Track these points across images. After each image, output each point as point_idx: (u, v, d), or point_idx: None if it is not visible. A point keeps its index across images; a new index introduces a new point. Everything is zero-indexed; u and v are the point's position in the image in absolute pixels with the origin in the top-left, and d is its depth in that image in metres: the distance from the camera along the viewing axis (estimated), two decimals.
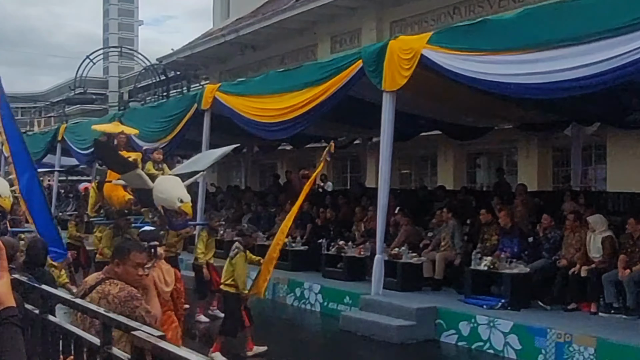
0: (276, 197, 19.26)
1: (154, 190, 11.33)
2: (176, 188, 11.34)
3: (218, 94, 14.66)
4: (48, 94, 73.15)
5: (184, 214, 11.24)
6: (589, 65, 8.16)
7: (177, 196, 11.08)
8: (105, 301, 4.15)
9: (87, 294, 4.26)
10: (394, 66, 10.52)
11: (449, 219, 12.50)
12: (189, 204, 11.16)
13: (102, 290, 4.23)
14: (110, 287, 4.28)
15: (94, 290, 4.26)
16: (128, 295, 4.23)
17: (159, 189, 11.30)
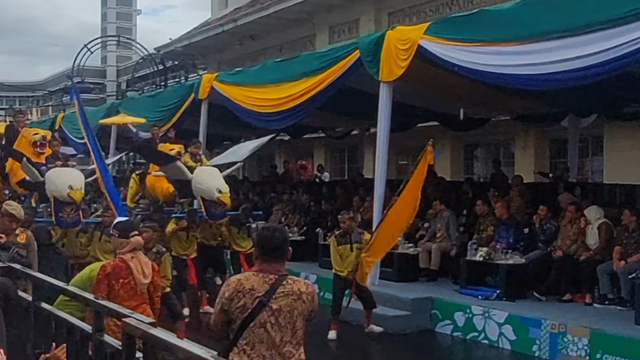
0: (273, 187, 19.25)
1: (193, 181, 11.51)
2: (215, 179, 11.50)
3: (215, 84, 14.63)
4: (46, 83, 72.90)
5: (222, 204, 11.37)
6: (585, 56, 8.15)
7: (215, 187, 11.26)
8: None
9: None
10: (391, 57, 10.50)
11: (443, 210, 12.52)
12: (227, 194, 11.34)
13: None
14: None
15: None
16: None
17: (198, 180, 11.48)
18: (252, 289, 3.76)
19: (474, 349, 9.63)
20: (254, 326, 3.74)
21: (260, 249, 3.93)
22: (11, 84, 67.61)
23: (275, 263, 3.88)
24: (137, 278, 5.23)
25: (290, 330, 3.80)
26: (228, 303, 3.78)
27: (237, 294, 3.76)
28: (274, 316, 3.75)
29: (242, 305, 3.75)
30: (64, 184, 10.53)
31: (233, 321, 3.77)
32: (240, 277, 3.88)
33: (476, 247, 11.25)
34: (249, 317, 3.74)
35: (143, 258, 5.44)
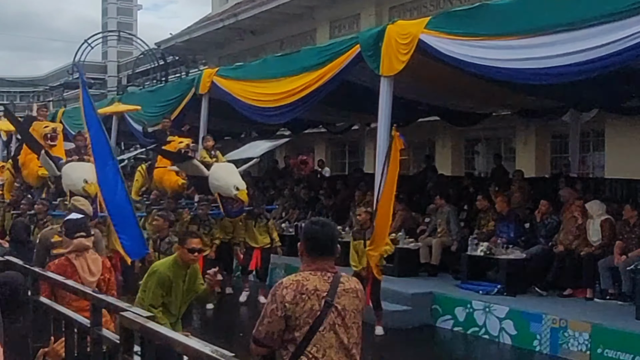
0: (274, 182, 19.24)
1: (210, 177, 11.50)
2: (232, 175, 11.50)
3: (216, 79, 14.60)
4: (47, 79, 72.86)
5: (240, 201, 11.32)
6: (586, 50, 8.11)
7: (233, 184, 11.27)
8: None
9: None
10: (391, 51, 10.46)
11: (443, 205, 12.51)
12: (245, 191, 11.36)
13: None
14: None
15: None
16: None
17: (215, 177, 11.48)
18: (316, 290, 3.46)
19: (475, 344, 9.63)
20: (323, 330, 3.45)
21: (311, 244, 3.61)
22: (12, 79, 67.58)
23: (328, 260, 3.60)
24: (82, 277, 5.04)
25: (356, 330, 3.59)
26: (292, 308, 3.43)
27: (301, 296, 3.44)
28: (340, 317, 3.50)
29: (310, 308, 3.44)
30: (79, 178, 10.70)
31: (296, 328, 3.44)
32: (297, 277, 3.53)
33: (477, 242, 11.24)
34: (317, 320, 3.43)
35: (92, 255, 5.29)
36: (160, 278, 5.62)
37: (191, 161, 11.80)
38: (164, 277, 5.64)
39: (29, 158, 12.32)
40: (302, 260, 3.65)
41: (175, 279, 5.70)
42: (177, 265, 5.73)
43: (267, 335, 3.47)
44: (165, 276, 5.66)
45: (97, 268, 5.22)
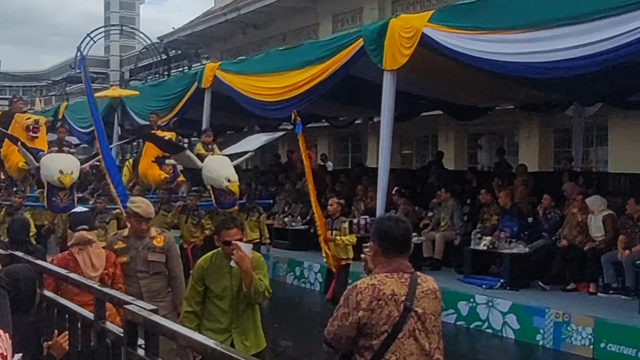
0: (276, 176, 19.23)
1: (203, 169, 11.58)
2: (224, 167, 11.53)
3: (219, 73, 14.58)
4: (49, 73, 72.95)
5: (231, 193, 11.37)
6: (590, 44, 8.08)
7: (225, 175, 11.29)
8: None
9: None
10: (394, 45, 10.43)
11: (448, 199, 12.49)
12: (236, 183, 11.37)
13: None
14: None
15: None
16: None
17: (208, 169, 11.54)
18: (393, 294, 3.19)
19: (478, 338, 9.63)
20: (403, 337, 3.18)
21: (385, 242, 3.31)
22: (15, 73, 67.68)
23: (404, 259, 3.32)
24: (84, 272, 4.94)
25: (437, 334, 3.33)
26: (368, 315, 3.17)
27: (378, 302, 3.17)
28: (420, 321, 3.23)
29: (387, 314, 3.17)
30: (55, 169, 10.66)
31: (372, 335, 3.19)
32: (372, 281, 3.24)
33: (480, 236, 11.23)
34: (396, 327, 3.18)
35: (96, 249, 5.22)
36: (198, 270, 4.95)
37: (184, 152, 11.85)
38: (200, 270, 4.93)
39: (10, 150, 12.34)
40: (375, 261, 3.37)
41: (217, 272, 4.88)
42: (220, 256, 4.93)
43: (335, 337, 3.27)
44: (202, 269, 4.93)
45: (101, 262, 5.14)
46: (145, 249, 5.64)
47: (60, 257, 5.27)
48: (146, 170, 12.99)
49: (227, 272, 4.84)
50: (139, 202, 5.74)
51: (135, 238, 5.64)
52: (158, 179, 12.78)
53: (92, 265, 5.07)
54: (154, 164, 12.81)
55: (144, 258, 5.60)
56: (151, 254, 5.63)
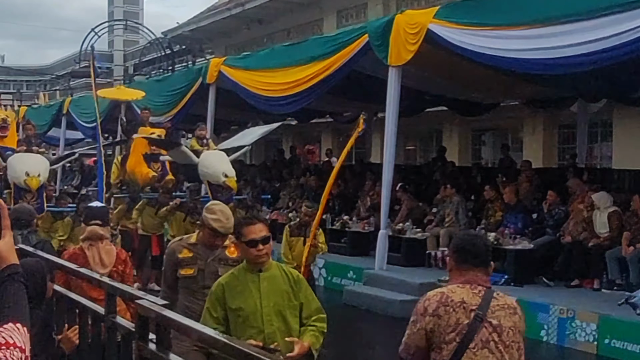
0: (280, 171, 19.26)
1: (199, 165, 11.47)
2: (221, 162, 11.43)
3: (223, 68, 14.62)
4: (54, 67, 72.97)
5: (228, 189, 11.31)
6: (596, 40, 8.10)
7: (222, 171, 11.19)
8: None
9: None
10: (400, 41, 10.46)
11: (453, 195, 12.51)
12: (233, 178, 11.27)
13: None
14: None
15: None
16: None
17: (204, 164, 11.44)
18: (462, 302, 3.10)
19: None
20: (475, 347, 3.05)
21: (461, 256, 3.25)
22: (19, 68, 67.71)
23: (479, 273, 3.22)
24: (93, 268, 4.84)
25: (516, 350, 3.14)
26: (434, 320, 3.08)
27: (445, 308, 3.08)
28: (495, 333, 3.09)
29: (455, 322, 3.07)
30: (22, 171, 10.35)
31: (442, 345, 3.07)
32: (442, 290, 3.19)
33: (484, 232, 11.24)
34: (466, 336, 3.06)
35: (106, 246, 5.12)
36: (217, 290, 3.91)
37: (180, 148, 11.77)
38: (220, 289, 3.90)
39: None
40: (451, 275, 3.31)
41: (241, 289, 3.88)
42: (244, 269, 3.95)
43: (405, 348, 3.18)
44: (221, 287, 3.91)
45: (110, 259, 5.07)
46: (216, 261, 4.64)
47: (70, 251, 5.24)
48: (134, 167, 12.78)
49: (255, 289, 3.88)
50: (218, 215, 4.59)
51: (204, 247, 4.67)
52: (146, 177, 12.61)
53: (101, 261, 5.00)
54: (141, 161, 12.67)
55: (214, 272, 4.54)
56: (222, 267, 4.53)
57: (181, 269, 4.63)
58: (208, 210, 4.62)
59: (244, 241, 3.89)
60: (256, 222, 3.96)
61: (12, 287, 1.97)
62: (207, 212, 4.61)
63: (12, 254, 2.04)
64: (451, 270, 3.29)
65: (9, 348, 1.84)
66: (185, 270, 4.63)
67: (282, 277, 3.92)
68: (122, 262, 5.19)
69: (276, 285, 3.87)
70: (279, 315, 3.83)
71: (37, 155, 11.18)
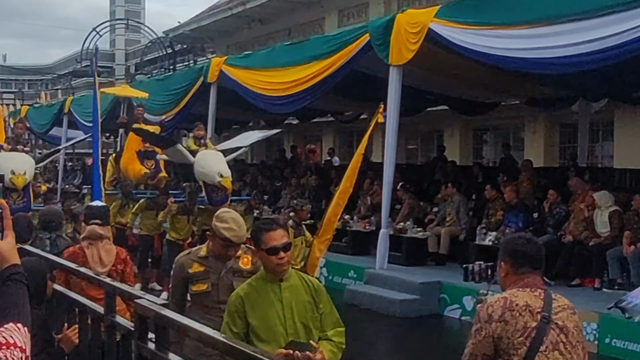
0: (282, 171, 19.27)
1: (195, 164, 11.36)
2: (217, 163, 11.29)
3: (224, 67, 14.63)
4: (55, 67, 73.05)
5: (224, 189, 11.20)
6: (597, 40, 8.10)
7: (217, 171, 11.03)
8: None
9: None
10: (401, 40, 10.46)
11: (454, 194, 12.51)
12: (229, 178, 11.11)
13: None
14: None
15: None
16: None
17: (200, 164, 11.31)
18: (527, 305, 3.06)
19: None
20: (546, 350, 3.01)
21: (517, 260, 3.21)
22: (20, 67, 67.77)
23: (537, 276, 3.21)
24: (92, 267, 4.87)
25: (581, 350, 3.14)
26: (502, 327, 3.01)
27: (511, 312, 3.03)
28: (563, 334, 3.07)
29: (523, 325, 3.02)
30: (7, 169, 10.24)
31: (511, 351, 3.01)
32: (503, 295, 3.13)
33: (485, 231, 11.26)
34: (536, 339, 3.01)
35: (106, 245, 5.14)
36: (236, 302, 3.57)
37: (175, 147, 11.69)
38: (238, 301, 3.56)
39: None
40: (506, 281, 3.26)
41: (262, 301, 3.56)
42: (261, 280, 3.64)
43: (470, 358, 3.09)
44: (240, 299, 3.57)
45: (109, 259, 5.09)
46: (230, 273, 4.30)
47: (70, 250, 5.26)
48: (127, 164, 12.74)
49: (277, 300, 3.56)
50: (230, 223, 4.22)
51: (215, 259, 4.31)
52: (138, 174, 12.57)
53: (100, 260, 5.02)
54: (135, 158, 12.61)
55: (229, 285, 4.18)
56: (237, 280, 4.20)
57: (193, 284, 4.28)
58: (219, 218, 4.25)
59: (263, 249, 3.54)
60: (276, 228, 3.60)
61: (13, 287, 1.99)
62: (217, 220, 4.24)
63: (14, 254, 2.05)
64: (506, 275, 3.24)
65: (10, 348, 1.85)
66: (197, 286, 4.29)
67: (303, 286, 3.63)
68: (121, 261, 5.19)
69: (298, 296, 3.58)
70: (303, 328, 3.53)
71: (22, 154, 11.13)
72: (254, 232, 3.66)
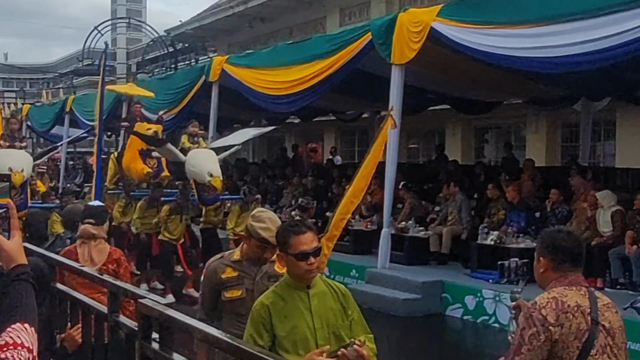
0: (283, 170, 19.27)
1: (186, 163, 11.29)
2: (208, 161, 11.16)
3: (226, 66, 14.62)
4: (57, 65, 73.05)
5: (213, 188, 11.10)
6: (600, 39, 8.09)
7: (207, 170, 10.91)
8: None
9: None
10: (403, 39, 10.45)
11: (456, 193, 12.50)
12: (218, 178, 10.96)
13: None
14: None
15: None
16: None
17: (191, 162, 11.21)
18: (578, 306, 2.91)
19: (485, 333, 9.65)
20: (596, 354, 2.88)
21: (558, 255, 3.05)
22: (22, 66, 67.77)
23: (578, 272, 3.06)
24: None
25: (624, 351, 3.04)
26: (559, 331, 2.86)
27: (565, 315, 2.88)
28: (610, 336, 2.95)
29: (577, 328, 2.88)
30: (5, 165, 10.26)
31: (564, 355, 2.88)
32: (551, 295, 2.97)
33: (487, 230, 11.25)
34: (587, 342, 2.87)
35: (99, 245, 5.11)
36: (260, 311, 3.30)
37: (166, 145, 11.65)
38: (264, 311, 3.28)
39: None
40: (545, 278, 3.11)
41: (289, 310, 3.28)
42: (287, 286, 3.36)
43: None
44: (265, 309, 3.29)
45: (100, 258, 5.05)
46: (265, 278, 3.92)
47: (66, 249, 5.27)
48: (129, 163, 12.74)
49: (305, 309, 3.29)
50: (268, 223, 3.89)
51: (250, 263, 3.98)
52: (141, 173, 12.56)
53: (90, 259, 4.99)
54: (137, 157, 12.60)
55: (264, 290, 3.70)
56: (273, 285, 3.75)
57: (226, 291, 3.93)
58: (255, 218, 3.93)
59: (291, 253, 3.27)
60: (306, 231, 3.33)
61: (20, 287, 2.00)
62: (254, 220, 3.91)
63: (21, 254, 2.06)
64: (545, 271, 3.09)
65: (17, 348, 1.86)
66: (231, 292, 3.94)
67: (331, 292, 3.38)
68: (113, 261, 5.13)
69: (327, 303, 3.32)
70: (334, 338, 3.25)
71: (20, 151, 11.15)
72: (280, 235, 3.41)
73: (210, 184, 10.93)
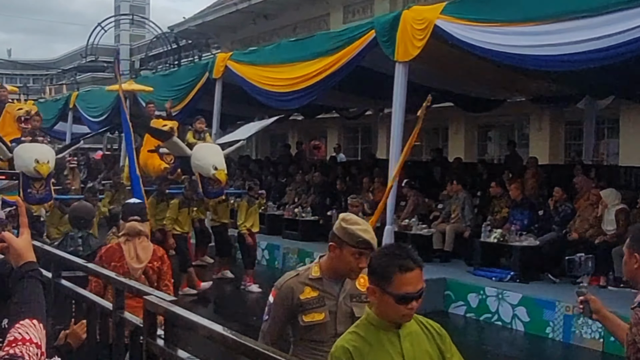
0: (286, 167, 19.26)
1: (192, 157, 11.57)
2: (213, 155, 11.47)
3: (230, 63, 14.61)
4: (60, 62, 73.06)
5: (218, 182, 11.32)
6: (604, 37, 8.06)
7: (212, 163, 11.23)
8: None
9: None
10: (407, 37, 10.43)
11: (459, 191, 12.49)
12: (223, 171, 11.28)
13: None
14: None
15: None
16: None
17: (196, 156, 11.52)
18: None
19: (487, 330, 9.65)
20: None
21: None
22: (25, 62, 67.77)
23: None
24: (128, 263, 4.94)
25: None
26: None
27: None
28: None
29: None
30: (30, 158, 10.37)
31: None
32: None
33: (490, 228, 11.24)
34: None
35: (143, 242, 5.15)
36: (344, 355, 2.70)
37: (172, 139, 11.79)
38: (342, 357, 2.69)
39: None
40: (637, 273, 3.12)
41: (376, 356, 2.71)
42: (372, 326, 2.80)
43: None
44: (348, 356, 2.69)
45: (146, 255, 5.08)
46: (348, 298, 3.37)
47: (108, 247, 5.26)
48: (146, 159, 12.91)
49: (396, 354, 2.74)
50: (363, 224, 3.34)
51: (330, 280, 3.38)
52: (158, 169, 12.73)
53: (137, 257, 5.01)
54: (154, 153, 12.74)
55: (348, 313, 3.33)
56: (357, 306, 3.33)
57: (305, 314, 3.31)
58: (347, 221, 3.31)
59: (390, 293, 2.71)
60: (414, 267, 2.78)
61: (29, 284, 2.03)
62: (347, 223, 3.29)
63: (30, 251, 2.09)
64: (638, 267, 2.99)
65: (25, 344, 1.89)
66: (311, 316, 3.32)
67: (424, 333, 2.87)
68: (158, 258, 5.17)
69: (421, 346, 2.80)
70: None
71: (43, 145, 11.32)
72: (379, 264, 2.78)
73: (214, 177, 11.22)
